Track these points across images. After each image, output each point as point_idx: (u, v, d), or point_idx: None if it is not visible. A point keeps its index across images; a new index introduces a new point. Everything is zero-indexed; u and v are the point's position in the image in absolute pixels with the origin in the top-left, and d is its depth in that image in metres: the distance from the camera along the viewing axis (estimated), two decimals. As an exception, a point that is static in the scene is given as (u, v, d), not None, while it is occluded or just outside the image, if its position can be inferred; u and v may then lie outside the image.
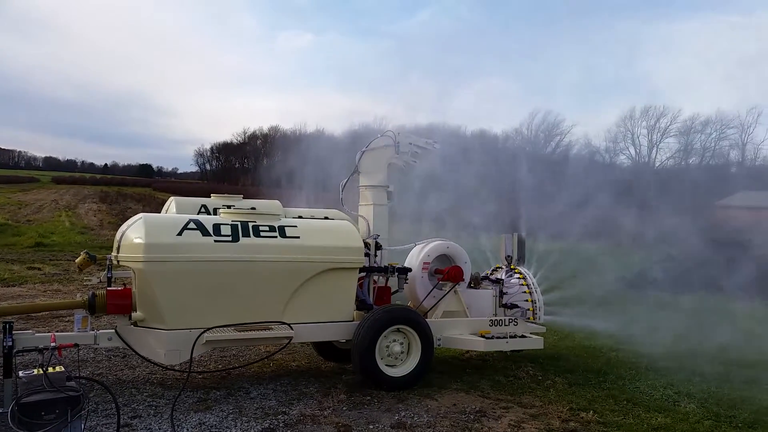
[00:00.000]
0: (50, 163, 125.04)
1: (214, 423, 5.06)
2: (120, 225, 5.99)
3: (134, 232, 5.56)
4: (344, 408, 5.59)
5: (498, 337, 6.91)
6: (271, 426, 5.05)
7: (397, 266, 6.95)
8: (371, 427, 5.12)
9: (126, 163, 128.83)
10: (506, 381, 6.72)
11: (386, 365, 6.18)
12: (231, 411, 5.38)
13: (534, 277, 7.67)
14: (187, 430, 4.88)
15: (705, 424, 5.51)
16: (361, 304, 6.59)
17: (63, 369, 3.88)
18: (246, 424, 5.05)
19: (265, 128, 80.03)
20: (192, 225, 5.70)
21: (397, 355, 6.26)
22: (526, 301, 7.40)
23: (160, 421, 5.05)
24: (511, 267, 7.79)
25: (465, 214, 9.83)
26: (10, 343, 4.77)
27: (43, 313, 8.91)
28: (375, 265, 6.84)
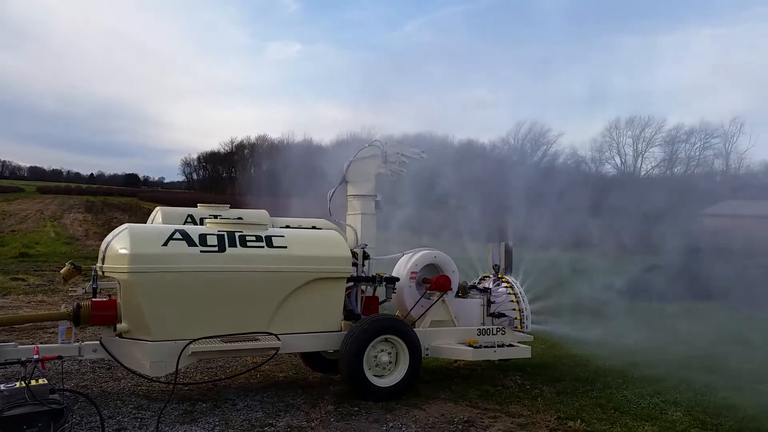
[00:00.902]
0: (35, 173, 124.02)
1: (200, 435, 5.00)
2: (106, 235, 5.93)
3: (119, 242, 5.52)
4: (332, 419, 5.56)
5: (486, 346, 6.91)
6: (258, 438, 5.00)
7: (385, 276, 6.94)
8: (359, 438, 5.09)
9: (112, 173, 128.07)
10: (494, 390, 6.71)
11: (374, 375, 6.16)
12: (217, 423, 5.32)
13: (521, 286, 7.70)
14: (173, 442, 4.82)
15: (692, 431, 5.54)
16: (348, 313, 6.57)
17: (46, 381, 3.83)
18: (232, 436, 5.00)
19: (253, 137, 79.99)
20: (178, 235, 5.66)
21: (385, 365, 6.24)
22: (514, 310, 7.42)
23: (145, 433, 4.99)
24: (499, 276, 7.81)
25: (452, 223, 9.86)
26: (-8, 356, 4.71)
27: (27, 324, 8.79)
28: (363, 274, 6.82)
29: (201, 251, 5.62)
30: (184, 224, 7.56)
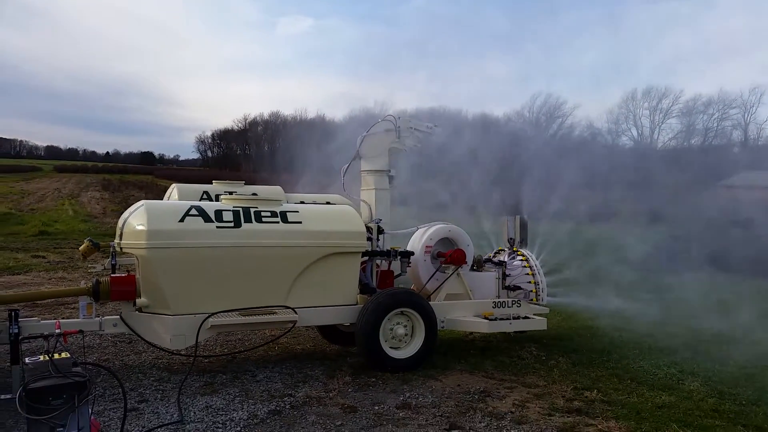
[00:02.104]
0: (52, 152, 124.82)
1: (221, 406, 5.10)
2: (123, 213, 6.00)
3: (136, 219, 5.57)
4: (350, 390, 5.63)
5: (501, 319, 6.94)
6: (278, 408, 5.09)
7: (400, 250, 6.96)
8: (376, 408, 5.16)
9: (127, 151, 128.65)
10: (510, 362, 6.75)
11: (390, 347, 6.22)
12: (237, 394, 5.42)
13: (537, 258, 7.68)
14: (194, 413, 4.92)
15: (709, 401, 5.53)
16: (364, 287, 6.61)
17: (69, 355, 3.91)
18: (253, 407, 5.10)
19: (266, 114, 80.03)
20: (194, 211, 5.71)
21: (401, 338, 6.29)
22: (529, 282, 7.42)
23: (167, 404, 5.09)
24: (514, 249, 7.80)
25: (467, 197, 9.82)
26: (16, 331, 4.82)
27: (49, 300, 8.96)
28: (377, 249, 6.85)
29: (217, 227, 5.67)
30: (199, 201, 7.61)
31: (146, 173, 69.47)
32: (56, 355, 3.77)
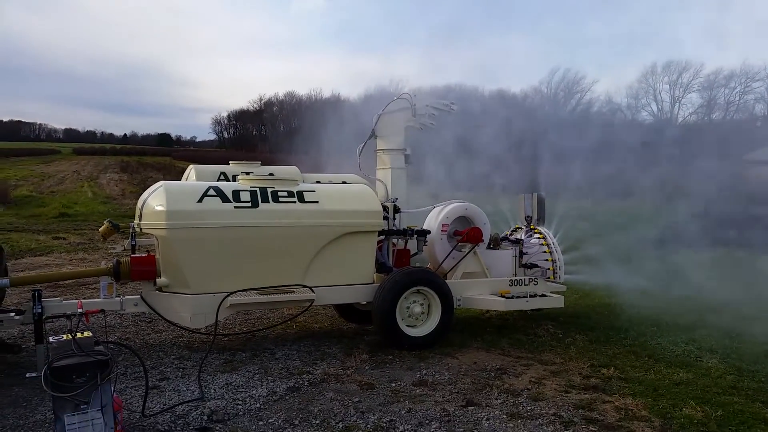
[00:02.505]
0: (70, 135, 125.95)
1: (241, 383, 5.18)
2: (141, 194, 6.06)
3: (155, 199, 5.63)
4: (367, 367, 5.69)
5: (518, 297, 6.93)
6: (296, 385, 5.16)
7: (416, 229, 6.96)
8: (393, 384, 5.20)
9: (145, 133, 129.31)
10: (526, 339, 6.76)
11: (407, 326, 6.25)
12: (257, 371, 5.50)
13: (554, 236, 7.64)
14: (215, 390, 5.01)
15: (727, 378, 5.51)
16: (381, 266, 6.64)
17: (91, 334, 3.98)
18: (272, 384, 5.17)
19: (281, 94, 79.93)
20: (212, 192, 5.75)
21: (418, 316, 6.32)
22: (546, 260, 7.39)
23: (187, 382, 5.18)
24: (531, 227, 7.76)
25: (484, 175, 9.76)
26: (39, 310, 4.91)
27: (70, 281, 9.12)
28: (394, 228, 6.85)
29: (235, 207, 5.71)
30: (217, 181, 7.66)
31: (164, 155, 69.90)
32: (78, 335, 3.84)
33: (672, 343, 6.66)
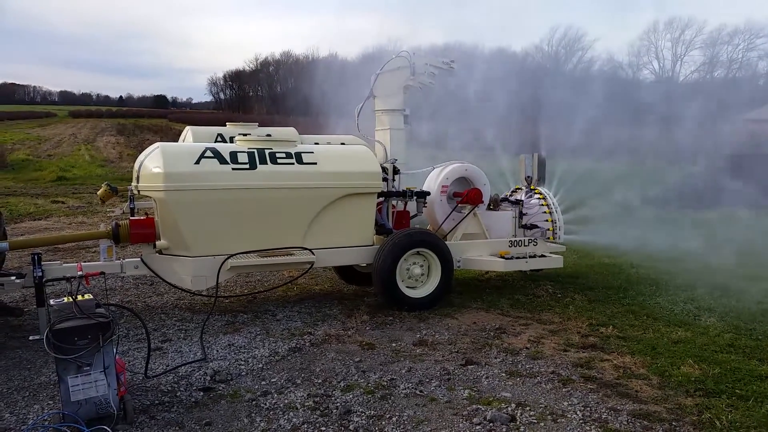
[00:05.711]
0: (66, 98, 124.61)
1: (243, 344, 5.22)
2: (138, 156, 5.99)
3: (152, 161, 5.57)
4: (367, 328, 5.73)
5: (517, 258, 6.94)
6: (298, 345, 5.20)
7: (416, 190, 6.92)
8: (394, 344, 5.25)
9: (140, 95, 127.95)
10: (525, 299, 6.80)
11: (407, 287, 6.28)
12: (259, 332, 5.54)
13: (554, 197, 7.61)
14: (217, 351, 5.05)
15: (725, 336, 5.55)
16: (380, 228, 6.62)
17: (91, 297, 3.99)
18: (274, 344, 5.21)
19: (277, 54, 78.76)
20: (209, 153, 5.69)
21: (418, 278, 6.34)
22: (546, 221, 7.38)
23: (190, 343, 5.22)
24: (531, 188, 7.72)
25: (483, 134, 9.67)
26: (39, 274, 4.91)
27: (70, 244, 9.13)
28: (393, 189, 6.82)
29: (232, 169, 5.66)
30: (214, 143, 7.58)
31: (160, 117, 69.22)
32: (79, 297, 3.84)
33: (671, 302, 6.70)
